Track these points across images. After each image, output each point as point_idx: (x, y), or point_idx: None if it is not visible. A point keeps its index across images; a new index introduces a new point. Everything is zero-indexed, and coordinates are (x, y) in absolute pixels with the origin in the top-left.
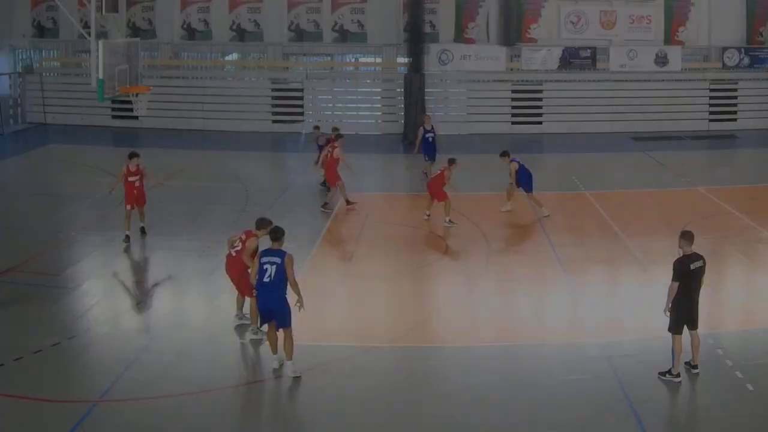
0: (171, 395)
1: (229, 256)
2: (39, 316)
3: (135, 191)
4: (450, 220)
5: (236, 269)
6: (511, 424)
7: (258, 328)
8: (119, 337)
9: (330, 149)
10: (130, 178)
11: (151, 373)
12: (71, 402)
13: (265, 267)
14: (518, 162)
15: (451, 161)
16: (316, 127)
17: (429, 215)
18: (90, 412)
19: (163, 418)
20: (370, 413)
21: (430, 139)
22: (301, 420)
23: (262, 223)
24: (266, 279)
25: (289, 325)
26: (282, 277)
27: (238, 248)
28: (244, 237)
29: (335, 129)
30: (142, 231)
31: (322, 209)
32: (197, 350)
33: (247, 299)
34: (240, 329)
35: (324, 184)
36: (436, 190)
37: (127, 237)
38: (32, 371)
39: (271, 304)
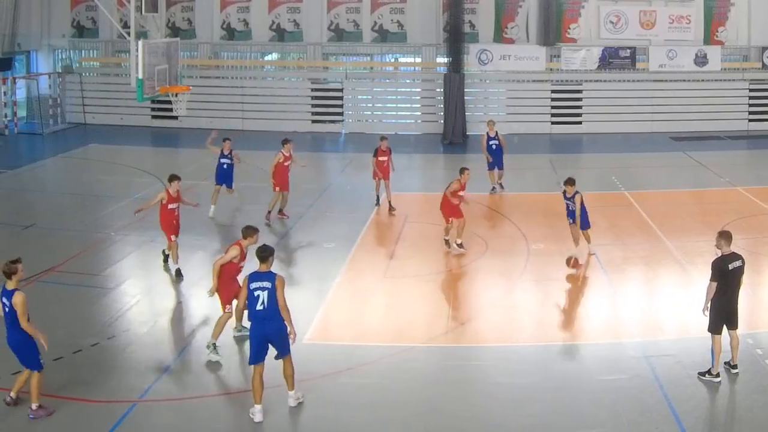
0: (210, 395)
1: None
2: (78, 315)
3: (174, 221)
4: (461, 244)
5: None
6: (551, 424)
7: (214, 344)
8: (158, 338)
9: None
10: (171, 206)
11: (190, 373)
12: (111, 402)
13: (256, 294)
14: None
15: (463, 170)
16: (227, 139)
17: (460, 244)
18: (129, 413)
19: (203, 419)
20: (410, 413)
21: (494, 147)
22: (340, 420)
23: (248, 231)
24: (259, 307)
25: (289, 352)
26: (277, 303)
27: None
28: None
29: (383, 138)
30: (178, 273)
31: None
32: (237, 350)
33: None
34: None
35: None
36: (450, 208)
37: (178, 271)
38: (72, 371)
39: (269, 331)
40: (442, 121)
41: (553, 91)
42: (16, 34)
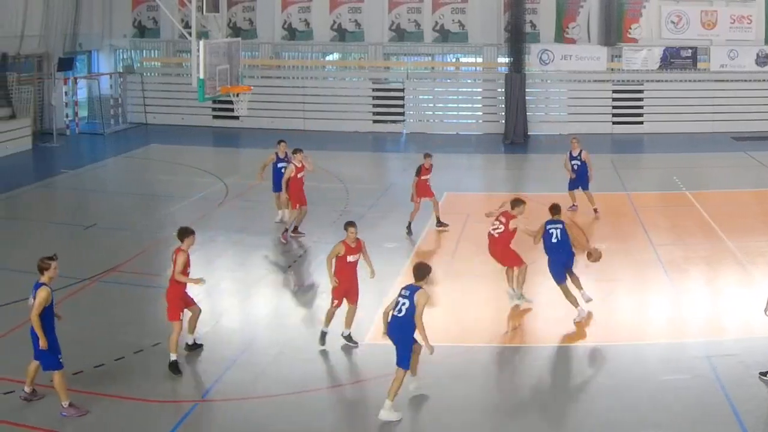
0: (271, 395)
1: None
2: (140, 315)
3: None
4: (522, 295)
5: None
6: (611, 423)
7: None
8: (220, 337)
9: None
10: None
11: (251, 373)
12: (172, 402)
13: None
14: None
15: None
16: (282, 141)
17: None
18: (191, 412)
19: (264, 419)
20: (468, 412)
21: (575, 167)
22: (400, 420)
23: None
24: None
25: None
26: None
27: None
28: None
29: (428, 155)
30: (192, 346)
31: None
32: (297, 351)
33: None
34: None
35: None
36: (504, 251)
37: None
38: (133, 371)
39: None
40: (503, 121)
41: (615, 91)
42: (77, 34)
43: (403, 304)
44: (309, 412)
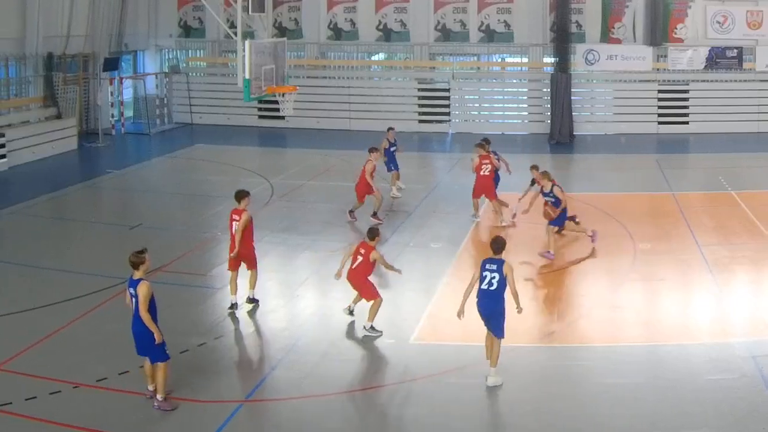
0: (317, 395)
1: None
2: (185, 315)
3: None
4: (502, 219)
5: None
6: (656, 423)
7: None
8: (265, 337)
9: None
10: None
11: (297, 373)
12: (217, 402)
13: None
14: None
15: (480, 146)
16: (390, 128)
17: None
18: (236, 412)
19: (310, 419)
20: (515, 413)
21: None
22: (444, 420)
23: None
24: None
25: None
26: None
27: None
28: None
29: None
30: (250, 301)
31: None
32: (343, 350)
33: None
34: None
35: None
36: (490, 185)
37: (234, 305)
38: (179, 371)
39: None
40: (548, 121)
41: (660, 91)
42: (123, 34)
43: (493, 277)
44: (355, 412)
